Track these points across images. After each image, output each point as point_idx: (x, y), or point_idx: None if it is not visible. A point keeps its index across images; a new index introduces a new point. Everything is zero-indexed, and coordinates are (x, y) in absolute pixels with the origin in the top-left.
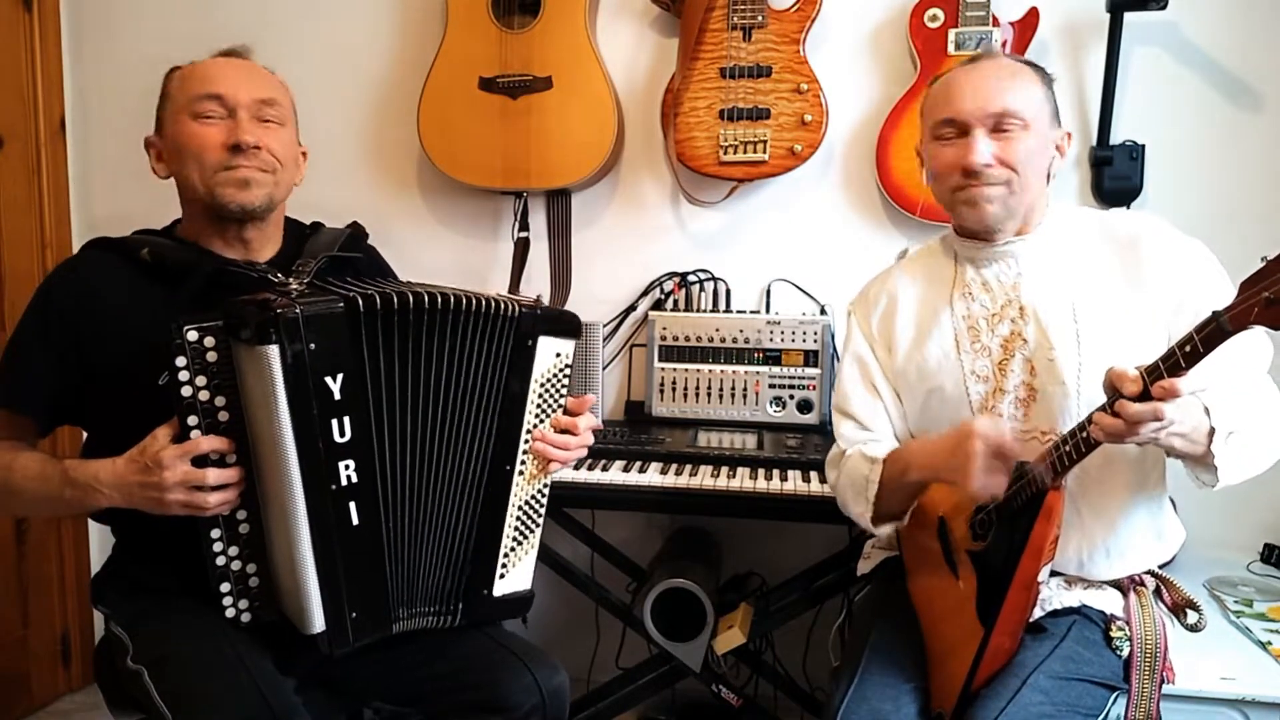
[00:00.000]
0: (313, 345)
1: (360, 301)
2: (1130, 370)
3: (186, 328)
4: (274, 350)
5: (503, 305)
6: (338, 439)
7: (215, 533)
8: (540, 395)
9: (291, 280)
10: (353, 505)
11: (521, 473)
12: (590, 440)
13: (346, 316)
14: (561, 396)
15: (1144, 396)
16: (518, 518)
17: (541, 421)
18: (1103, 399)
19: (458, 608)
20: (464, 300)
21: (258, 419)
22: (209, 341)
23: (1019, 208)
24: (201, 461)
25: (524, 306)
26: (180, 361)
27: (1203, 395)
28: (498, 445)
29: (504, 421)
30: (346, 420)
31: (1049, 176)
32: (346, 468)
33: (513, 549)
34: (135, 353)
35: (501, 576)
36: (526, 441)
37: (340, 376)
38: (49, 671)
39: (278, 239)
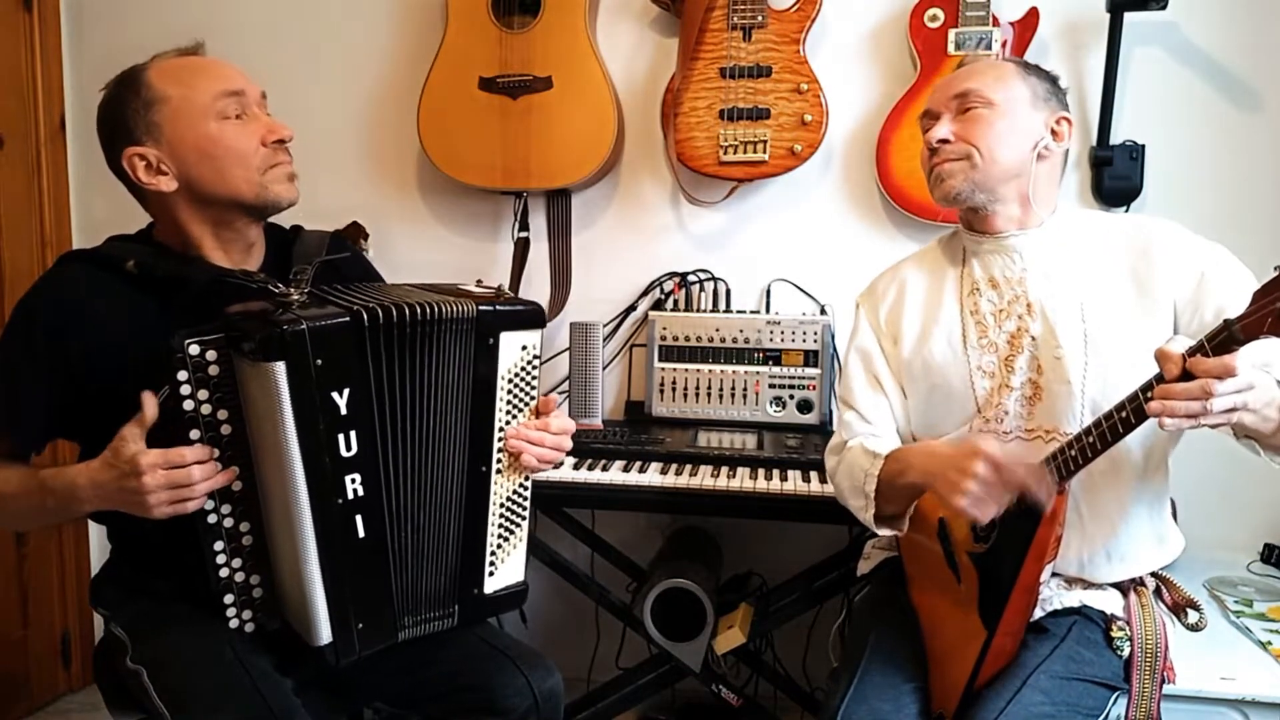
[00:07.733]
0: (319, 361)
1: (365, 315)
2: (1173, 349)
3: (188, 341)
4: (280, 367)
5: (462, 306)
6: (344, 453)
7: (219, 545)
8: (509, 391)
9: (291, 290)
10: (359, 518)
11: (499, 470)
12: (567, 442)
13: (353, 330)
14: (533, 390)
15: (1185, 377)
16: (501, 515)
17: (514, 418)
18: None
19: (454, 610)
20: (447, 307)
21: (263, 432)
22: (211, 355)
23: (987, 181)
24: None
25: (482, 303)
26: (182, 375)
27: (1272, 370)
28: (473, 446)
29: (476, 422)
30: (353, 434)
31: (1037, 157)
32: (353, 481)
33: (499, 546)
34: (129, 366)
35: (491, 574)
36: (500, 439)
37: (347, 391)
38: (49, 671)
39: (262, 243)
